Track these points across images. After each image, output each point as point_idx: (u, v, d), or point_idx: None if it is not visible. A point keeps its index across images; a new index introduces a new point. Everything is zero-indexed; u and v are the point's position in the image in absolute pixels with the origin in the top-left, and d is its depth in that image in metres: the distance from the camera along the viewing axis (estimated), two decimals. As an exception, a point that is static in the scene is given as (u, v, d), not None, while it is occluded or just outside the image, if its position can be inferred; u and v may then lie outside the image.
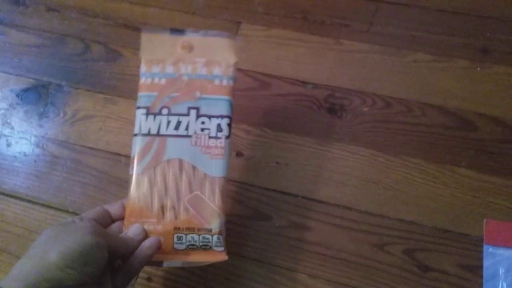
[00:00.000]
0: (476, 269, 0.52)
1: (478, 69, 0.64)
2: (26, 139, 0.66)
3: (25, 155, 0.65)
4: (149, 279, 0.54)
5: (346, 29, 0.70)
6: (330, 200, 0.58)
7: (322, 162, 0.60)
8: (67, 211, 0.60)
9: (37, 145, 0.65)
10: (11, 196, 0.62)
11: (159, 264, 0.46)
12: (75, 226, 0.40)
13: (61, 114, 0.67)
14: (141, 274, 0.48)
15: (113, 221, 0.47)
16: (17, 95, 0.70)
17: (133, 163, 0.47)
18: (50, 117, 0.67)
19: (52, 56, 0.73)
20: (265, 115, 0.64)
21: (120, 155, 0.63)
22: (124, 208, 0.47)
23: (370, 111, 0.63)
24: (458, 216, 0.55)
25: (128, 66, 0.71)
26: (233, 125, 0.49)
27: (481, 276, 0.52)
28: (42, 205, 0.60)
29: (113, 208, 0.47)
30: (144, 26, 0.74)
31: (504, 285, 0.50)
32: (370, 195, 0.57)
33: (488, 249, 0.52)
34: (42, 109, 0.68)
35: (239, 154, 0.61)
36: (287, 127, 0.63)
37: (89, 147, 0.64)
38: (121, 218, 0.47)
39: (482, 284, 0.51)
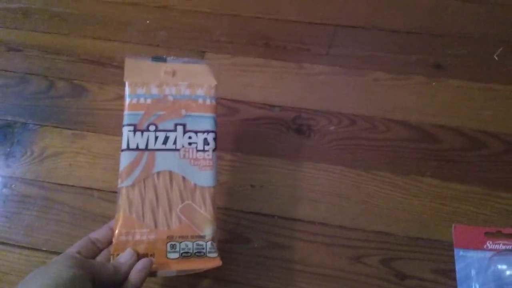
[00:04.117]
0: (449, 273, 0.54)
1: (434, 84, 0.68)
2: (-7, 180, 0.64)
3: (-8, 196, 0.63)
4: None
5: (307, 53, 0.73)
6: (306, 217, 0.59)
7: (295, 182, 0.61)
8: (41, 250, 0.58)
9: (5, 186, 0.64)
10: (-20, 240, 0.60)
11: (152, 274, 0.46)
12: (53, 263, 0.40)
13: (28, 153, 0.66)
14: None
15: (101, 249, 0.46)
16: (-19, 137, 0.68)
17: (122, 176, 0.47)
18: (17, 156, 0.66)
19: (16, 95, 0.72)
20: (235, 140, 0.65)
21: (92, 189, 0.62)
22: (112, 230, 0.47)
23: (337, 130, 0.65)
24: (428, 224, 0.58)
25: (95, 101, 0.70)
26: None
27: (455, 279, 0.54)
28: (14, 245, 0.59)
29: (101, 233, 0.47)
30: (108, 60, 0.74)
31: (477, 286, 0.53)
32: (344, 210, 0.59)
33: (459, 253, 0.55)
34: (8, 149, 0.67)
35: (213, 180, 0.62)
36: (258, 150, 0.64)
37: (59, 184, 0.63)
38: (111, 242, 0.46)
39: (456, 287, 0.53)
